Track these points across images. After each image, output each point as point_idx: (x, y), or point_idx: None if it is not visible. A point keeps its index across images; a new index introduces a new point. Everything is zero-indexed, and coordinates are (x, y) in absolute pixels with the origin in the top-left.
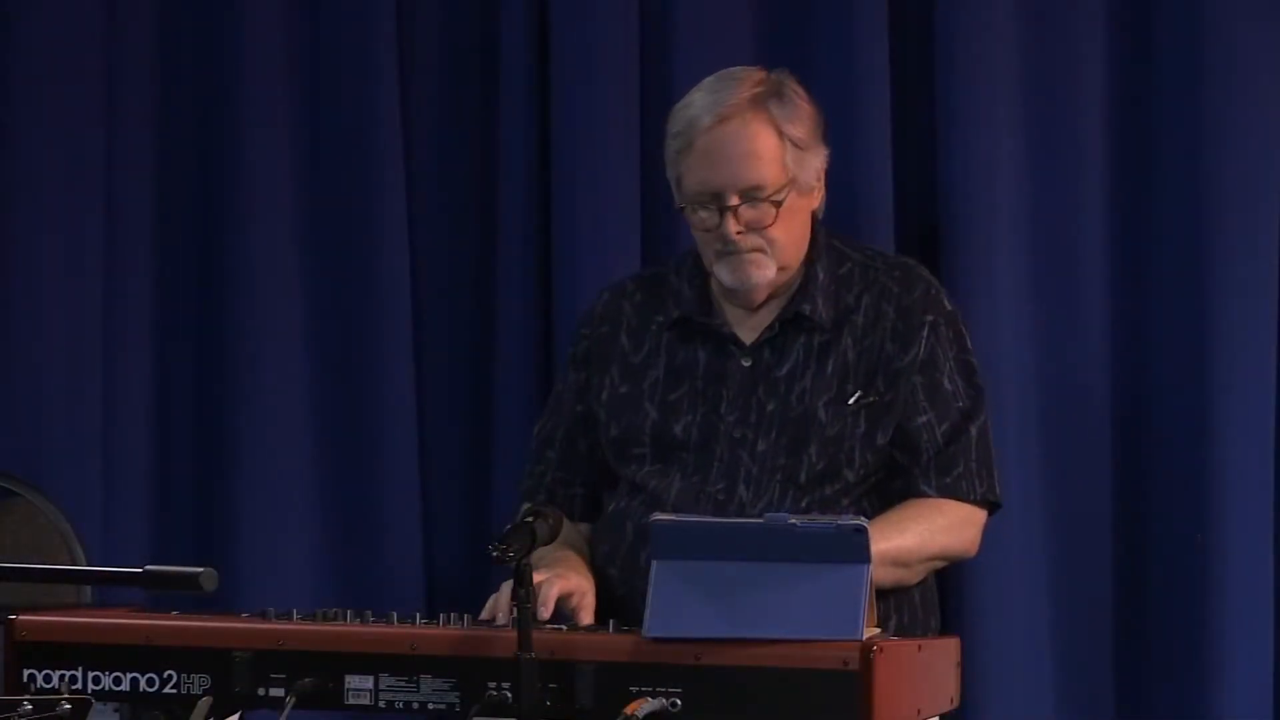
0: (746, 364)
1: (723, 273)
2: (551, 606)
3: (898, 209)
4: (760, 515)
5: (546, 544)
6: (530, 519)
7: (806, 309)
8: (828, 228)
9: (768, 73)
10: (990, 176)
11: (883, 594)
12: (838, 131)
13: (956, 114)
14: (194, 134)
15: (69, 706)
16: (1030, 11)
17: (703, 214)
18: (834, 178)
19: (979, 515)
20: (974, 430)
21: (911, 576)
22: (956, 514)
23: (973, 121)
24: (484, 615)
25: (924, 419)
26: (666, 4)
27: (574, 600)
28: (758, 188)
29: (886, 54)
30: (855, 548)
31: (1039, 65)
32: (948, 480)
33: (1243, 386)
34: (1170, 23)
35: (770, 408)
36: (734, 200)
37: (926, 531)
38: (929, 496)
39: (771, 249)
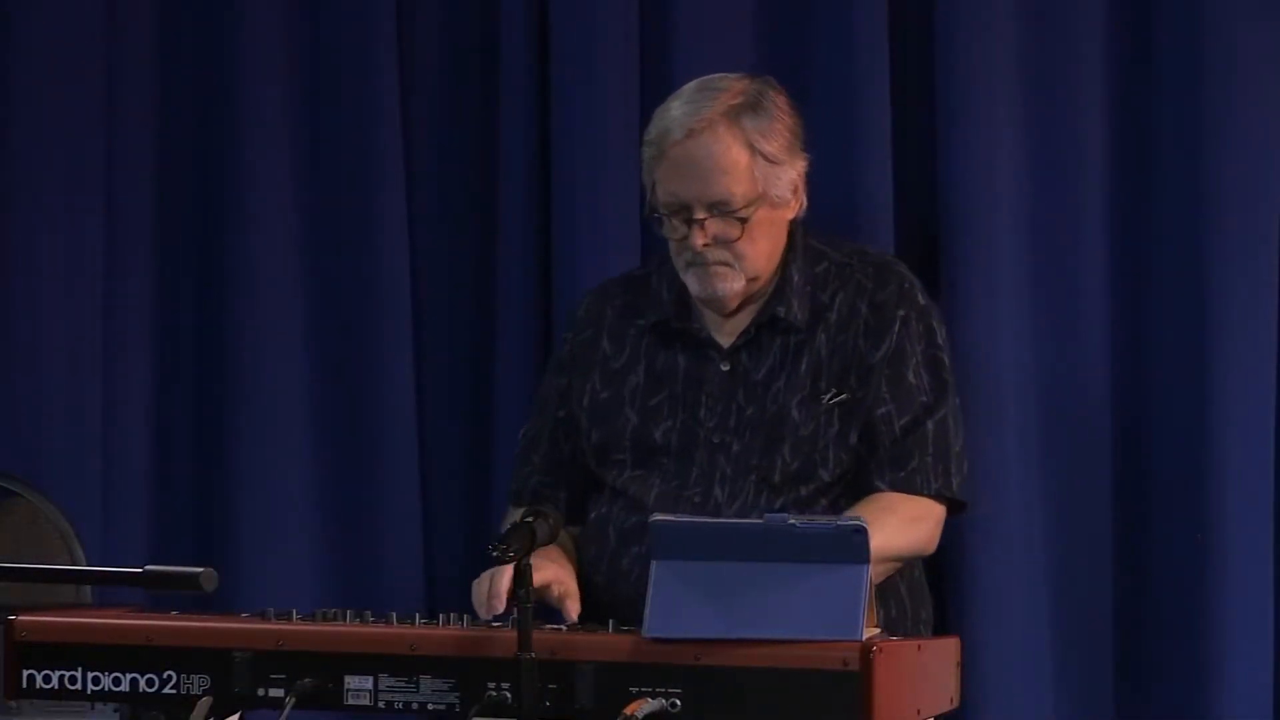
0: (725, 368)
1: (691, 282)
2: (504, 598)
3: (898, 209)
4: (737, 516)
5: (546, 544)
6: (530, 519)
7: (781, 311)
8: (808, 227)
9: (749, 82)
10: (990, 176)
11: None
12: (838, 131)
13: (956, 114)
14: (194, 134)
15: None
16: (1030, 11)
17: (673, 222)
18: (834, 178)
19: (935, 510)
20: (931, 424)
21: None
22: (909, 510)
23: (973, 121)
24: (478, 601)
25: (884, 410)
26: (666, 4)
27: (555, 590)
28: (725, 202)
29: (886, 54)
30: (855, 548)
31: (1039, 65)
32: (901, 474)
33: (1243, 386)
34: (1170, 23)
35: (749, 411)
36: (701, 214)
37: (879, 536)
38: (881, 491)
39: (739, 262)
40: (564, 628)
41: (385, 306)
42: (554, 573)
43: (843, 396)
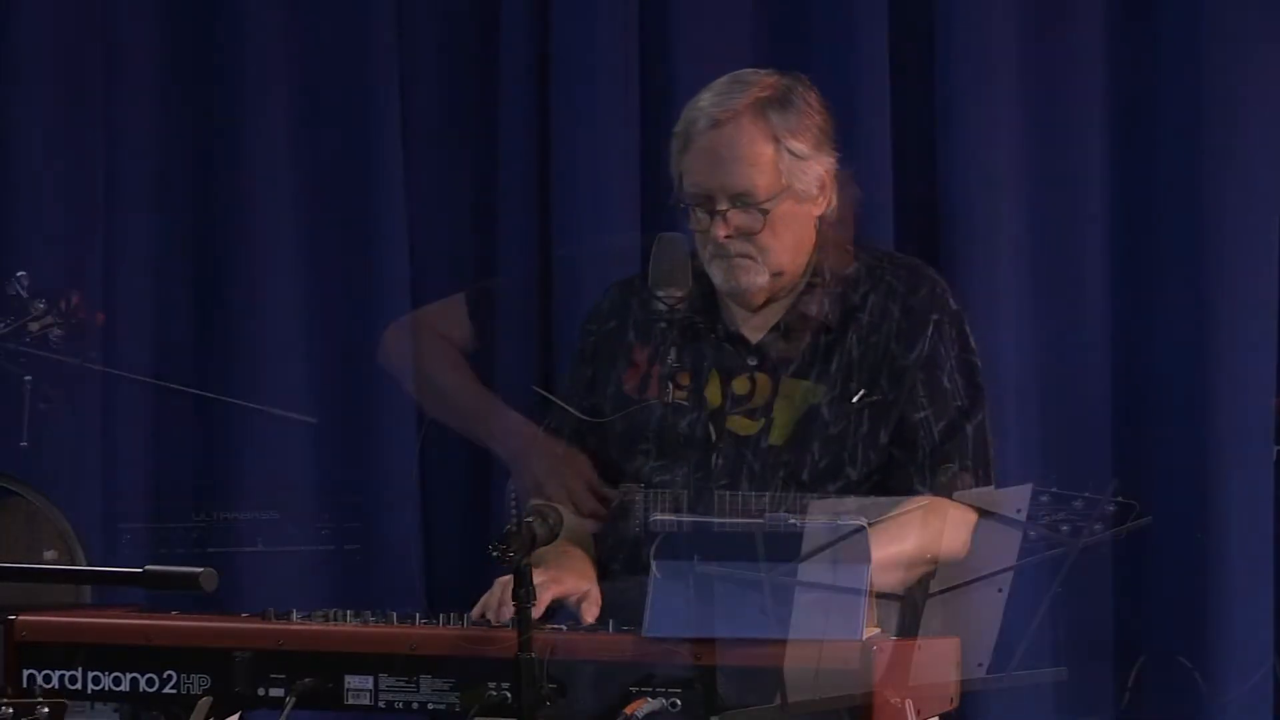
0: (752, 363)
1: (715, 274)
2: (542, 610)
3: (898, 209)
4: (763, 512)
5: (546, 544)
6: (530, 519)
7: (813, 310)
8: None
9: (780, 77)
10: (990, 176)
11: (882, 600)
12: (838, 131)
13: (956, 114)
14: (194, 134)
15: (46, 710)
16: (1031, 11)
17: (698, 213)
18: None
19: (971, 515)
20: (970, 429)
21: (909, 579)
22: (950, 515)
23: (973, 121)
24: (474, 614)
25: (921, 415)
26: (666, 3)
27: (574, 600)
28: (747, 194)
29: (886, 53)
30: (855, 548)
31: (1039, 65)
32: (942, 479)
33: (1243, 386)
34: (1171, 22)
35: (775, 406)
36: (723, 205)
37: (923, 536)
38: (923, 494)
39: (762, 255)
40: (564, 627)
41: (385, 306)
42: (573, 584)
43: (873, 398)
